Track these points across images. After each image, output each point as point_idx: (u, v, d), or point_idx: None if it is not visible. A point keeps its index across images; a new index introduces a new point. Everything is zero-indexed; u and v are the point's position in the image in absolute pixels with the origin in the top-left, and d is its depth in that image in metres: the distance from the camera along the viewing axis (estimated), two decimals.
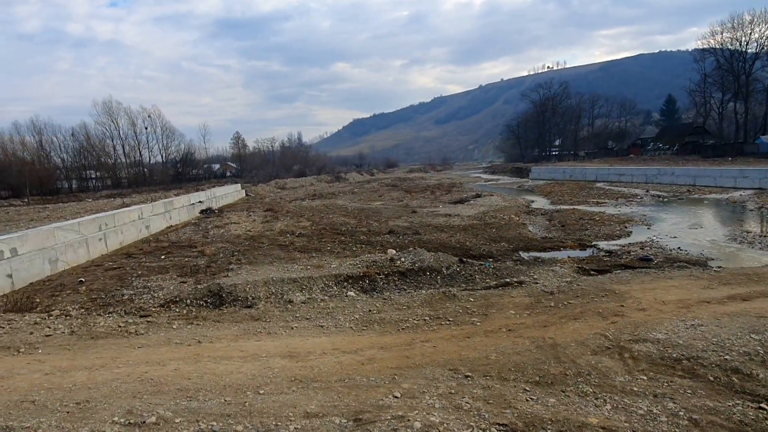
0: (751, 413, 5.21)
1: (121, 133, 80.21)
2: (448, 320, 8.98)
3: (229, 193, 42.86)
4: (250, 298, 10.76)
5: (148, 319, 9.61)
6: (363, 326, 8.94)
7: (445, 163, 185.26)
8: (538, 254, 16.23)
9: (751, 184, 35.65)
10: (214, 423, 4.98)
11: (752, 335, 7.03)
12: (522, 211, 28.38)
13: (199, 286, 11.61)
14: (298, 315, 9.73)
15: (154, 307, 10.48)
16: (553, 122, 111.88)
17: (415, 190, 48.82)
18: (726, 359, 6.36)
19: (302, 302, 10.69)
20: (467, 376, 6.23)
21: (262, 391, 5.89)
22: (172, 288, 11.94)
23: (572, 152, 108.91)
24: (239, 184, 52.72)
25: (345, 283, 11.96)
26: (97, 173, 77.45)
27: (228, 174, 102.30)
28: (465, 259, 13.75)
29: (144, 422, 4.94)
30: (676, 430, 4.88)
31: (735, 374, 6.04)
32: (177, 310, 10.32)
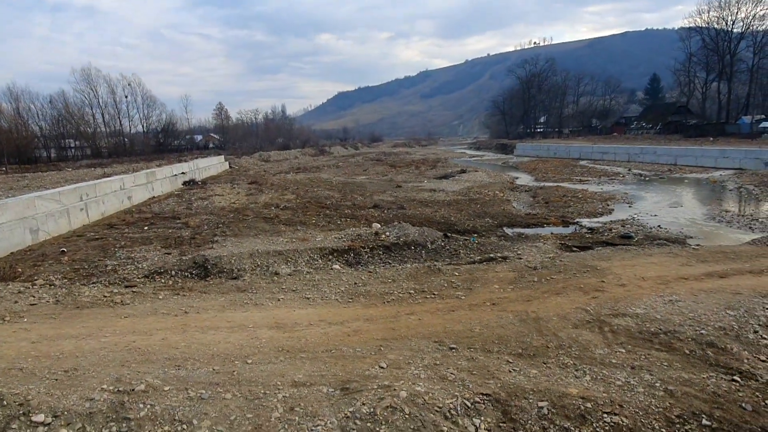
0: (724, 385, 5.42)
1: (100, 101, 78.29)
2: (433, 294, 9.10)
3: (213, 164, 42.37)
4: (236, 269, 10.77)
5: (134, 290, 9.58)
6: (349, 298, 9.03)
7: (430, 138, 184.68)
8: (522, 230, 16.43)
9: (731, 164, 36.24)
10: (203, 391, 5.04)
11: (728, 311, 7.26)
12: (506, 188, 28.57)
13: (184, 258, 11.57)
14: (284, 287, 9.78)
15: (139, 278, 10.44)
16: (538, 99, 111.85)
17: (400, 164, 48.74)
18: (702, 333, 6.57)
19: (288, 274, 10.73)
20: (452, 348, 6.35)
21: (250, 361, 5.95)
22: (156, 259, 11.88)
23: (557, 129, 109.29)
24: (222, 156, 52.07)
25: (330, 257, 12.01)
26: (77, 142, 75.70)
27: (211, 145, 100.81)
28: (450, 234, 13.86)
29: (133, 390, 4.98)
30: (652, 400, 5.06)
31: (710, 348, 6.25)
32: (162, 281, 10.30)
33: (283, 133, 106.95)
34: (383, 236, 13.15)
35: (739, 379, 5.56)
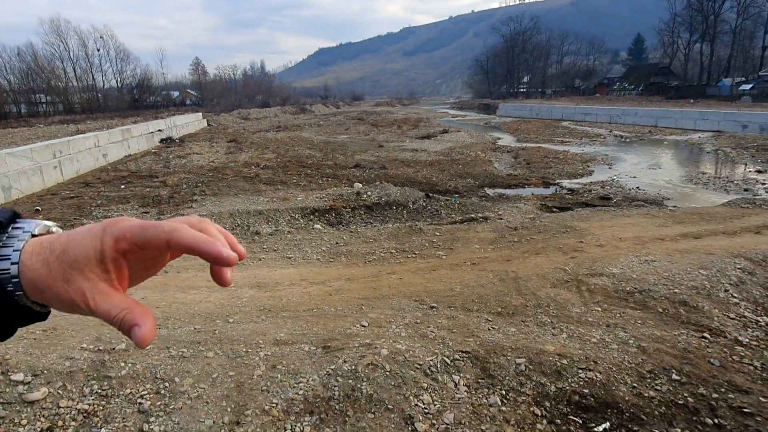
0: (694, 342, 5.60)
1: (71, 54, 75.20)
2: (414, 253, 9.16)
3: (190, 122, 41.45)
4: None
5: None
6: (330, 258, 9.05)
7: (412, 97, 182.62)
8: (503, 191, 16.51)
9: (710, 126, 36.60)
10: (185, 350, 5.05)
11: (701, 271, 7.45)
12: (488, 148, 28.54)
13: (162, 217, 11.41)
14: (265, 246, 9.74)
15: None
16: (522, 58, 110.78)
17: (382, 124, 48.25)
18: (675, 292, 6.75)
19: (269, 234, 10.68)
20: (432, 307, 6.44)
21: (231, 320, 5.97)
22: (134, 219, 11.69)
23: (540, 90, 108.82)
24: (200, 113, 50.90)
25: (312, 216, 11.96)
26: (48, 97, 73.09)
27: (188, 102, 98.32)
28: (431, 194, 13.88)
29: (113, 349, 4.97)
30: (626, 356, 5.22)
31: (682, 306, 6.43)
32: None
33: (262, 91, 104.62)
34: (365, 196, 13.11)
35: (708, 336, 5.75)
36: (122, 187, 15.75)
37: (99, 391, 4.40)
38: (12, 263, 0.59)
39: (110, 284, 0.59)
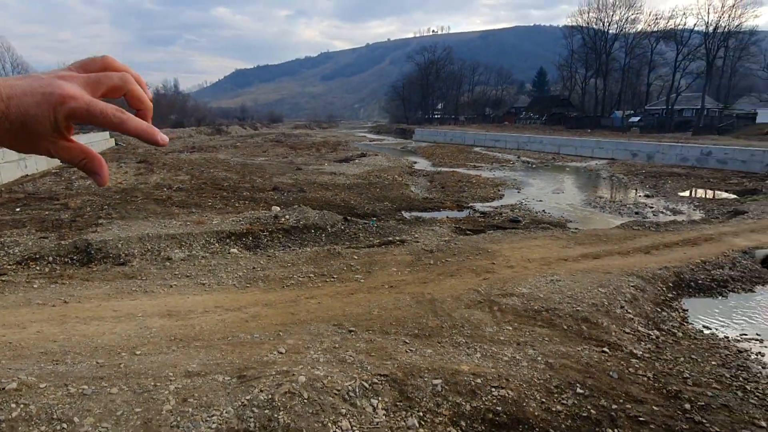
0: (595, 356, 6.00)
1: None
2: (333, 277, 9.14)
3: (96, 141, 39.05)
4: (123, 255, 10.09)
5: (3, 278, 8.66)
6: (247, 283, 8.82)
7: (330, 120, 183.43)
8: (419, 214, 16.92)
9: (605, 154, 39.74)
10: (86, 386, 4.70)
11: (599, 289, 8.01)
12: (405, 172, 29.20)
13: (63, 242, 10.62)
14: (177, 272, 9.32)
15: (10, 265, 9.44)
16: (436, 86, 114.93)
17: (301, 146, 48.03)
18: (578, 310, 7.21)
19: (182, 259, 10.24)
20: (351, 331, 6.44)
21: (138, 352, 5.64)
22: (30, 244, 10.79)
23: (453, 116, 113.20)
24: (107, 132, 48.13)
25: (227, 240, 11.62)
26: None
27: None
28: (350, 218, 13.95)
29: (3, 389, 4.53)
30: (535, 373, 5.49)
31: (584, 323, 6.88)
32: (38, 268, 9.39)
33: (176, 110, 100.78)
34: (283, 219, 12.94)
35: (607, 350, 6.18)
36: (17, 210, 14.48)
37: None
38: None
39: (66, 140, 0.73)
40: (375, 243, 11.91)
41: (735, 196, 21.95)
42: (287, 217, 13.15)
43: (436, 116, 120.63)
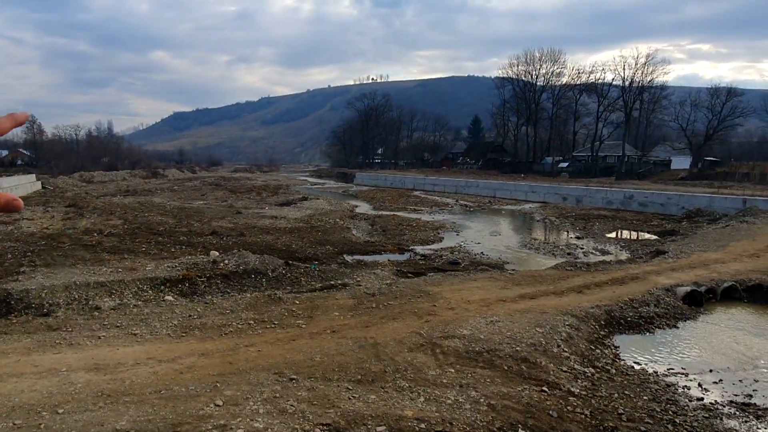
0: (535, 396, 6.12)
1: None
2: (274, 323, 8.93)
3: (21, 184, 37.07)
4: (47, 304, 9.47)
5: None
6: (182, 332, 8.45)
7: (271, 164, 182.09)
8: (361, 257, 16.94)
9: (538, 197, 41.57)
10: None
11: (537, 328, 8.24)
12: (347, 216, 29.29)
13: None
14: (106, 323, 8.82)
15: None
16: (376, 131, 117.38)
17: (241, 190, 47.35)
18: (517, 350, 7.37)
19: (112, 308, 9.72)
20: (292, 379, 6.29)
21: (61, 410, 5.26)
22: None
23: (393, 161, 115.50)
24: (34, 175, 45.82)
25: (162, 287, 11.17)
26: None
27: (19, 162, 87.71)
28: (291, 262, 13.78)
29: None
30: (478, 415, 5.53)
31: (524, 363, 7.03)
32: None
33: (109, 152, 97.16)
34: (222, 264, 12.61)
35: (546, 390, 6.32)
36: None
37: None
38: None
39: None
40: (317, 287, 11.78)
41: (656, 237, 23.41)
42: (226, 262, 12.83)
43: (376, 161, 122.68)
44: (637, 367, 8.00)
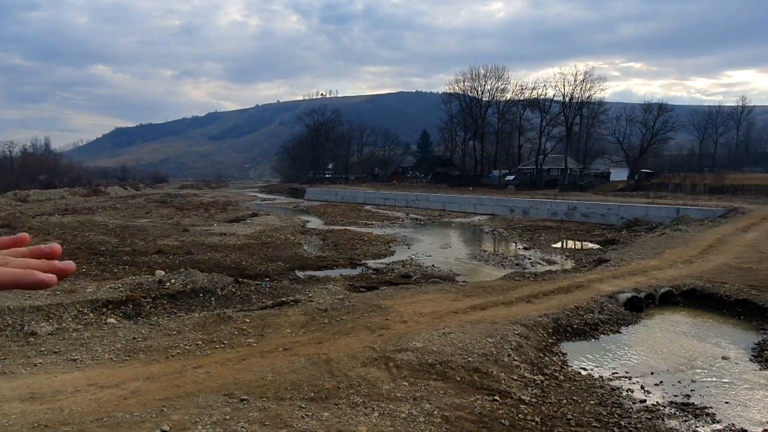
0: (488, 405, 6.21)
1: None
2: (223, 343, 8.69)
3: None
4: None
5: None
6: (126, 356, 8.10)
7: (220, 180, 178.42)
8: (313, 273, 16.80)
9: (486, 210, 42.52)
10: None
11: (488, 338, 8.39)
12: (298, 231, 29.03)
13: None
14: (43, 349, 8.35)
15: None
16: (326, 146, 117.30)
17: (188, 207, 46.14)
18: (469, 361, 7.47)
19: (49, 333, 9.22)
20: (243, 400, 6.13)
21: None
22: None
23: (344, 176, 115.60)
24: None
25: (104, 309, 10.70)
26: None
27: None
28: (241, 279, 13.51)
29: None
30: (432, 428, 5.56)
31: (476, 373, 7.13)
32: None
33: (46, 170, 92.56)
34: (168, 284, 12.21)
35: (498, 399, 6.43)
36: None
37: None
38: None
39: None
40: (268, 304, 11.57)
41: (599, 246, 24.37)
42: (173, 281, 12.45)
43: (327, 176, 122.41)
44: (583, 372, 8.26)
